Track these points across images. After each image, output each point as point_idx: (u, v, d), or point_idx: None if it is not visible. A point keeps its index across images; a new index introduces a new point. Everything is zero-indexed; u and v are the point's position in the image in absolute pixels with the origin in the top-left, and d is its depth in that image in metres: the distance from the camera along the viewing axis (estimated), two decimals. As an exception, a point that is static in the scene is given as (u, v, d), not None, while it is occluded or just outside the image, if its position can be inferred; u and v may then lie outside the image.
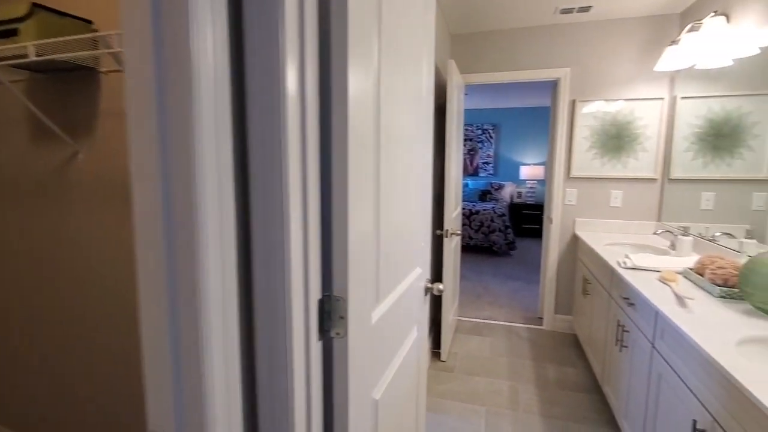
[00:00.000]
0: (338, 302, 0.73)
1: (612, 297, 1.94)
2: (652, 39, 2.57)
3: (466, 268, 4.70)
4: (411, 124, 1.09)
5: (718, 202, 2.14)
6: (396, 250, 1.00)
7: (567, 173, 2.83)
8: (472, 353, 2.63)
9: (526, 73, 2.83)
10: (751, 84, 1.93)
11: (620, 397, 1.77)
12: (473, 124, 7.01)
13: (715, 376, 1.05)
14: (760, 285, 1.27)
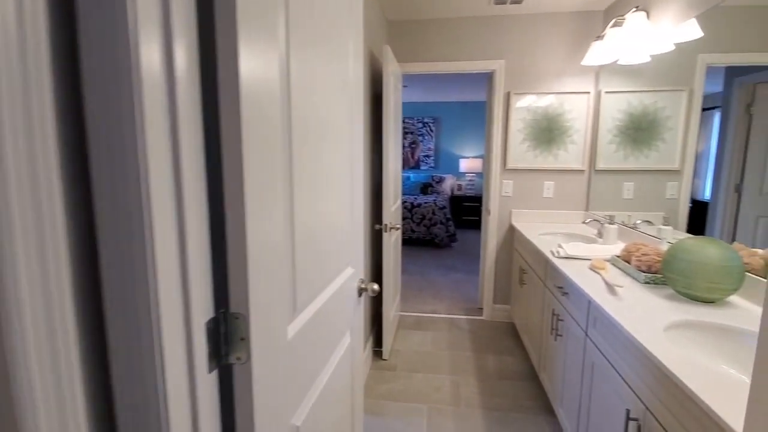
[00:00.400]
0: (237, 321, 0.59)
1: (547, 286, 1.97)
2: (579, 34, 2.66)
3: (408, 261, 4.69)
4: (337, 114, 0.96)
5: (637, 191, 2.26)
6: (320, 250, 0.87)
7: (503, 165, 2.86)
8: (415, 349, 2.58)
9: (463, 64, 2.80)
10: (666, 80, 2.03)
11: (556, 385, 1.80)
12: (414, 118, 7.02)
13: (646, 363, 1.05)
14: (682, 271, 1.31)
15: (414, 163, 7.15)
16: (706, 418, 0.81)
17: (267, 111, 0.61)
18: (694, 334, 1.15)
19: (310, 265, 0.82)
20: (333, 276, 0.98)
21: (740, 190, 1.60)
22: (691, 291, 1.29)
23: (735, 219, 1.61)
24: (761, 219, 1.47)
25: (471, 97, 6.48)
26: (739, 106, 1.64)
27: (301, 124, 0.74)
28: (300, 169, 0.75)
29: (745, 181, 1.59)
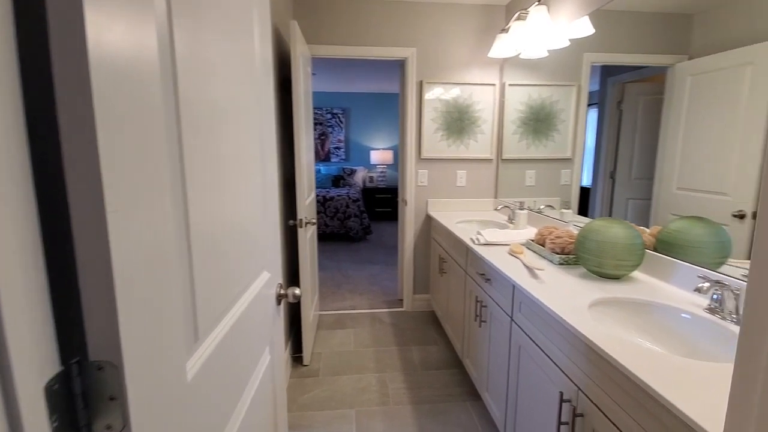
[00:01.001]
0: (102, 373, 0.39)
1: (468, 274, 1.98)
2: (485, 26, 2.74)
3: (324, 257, 4.51)
4: (244, 99, 0.77)
5: (538, 178, 2.42)
6: (228, 256, 0.68)
7: (418, 155, 2.85)
8: (337, 350, 2.44)
9: (374, 50, 2.70)
10: (559, 75, 2.18)
11: (481, 371, 1.82)
12: (323, 108, 6.79)
13: (575, 344, 1.06)
14: (591, 250, 1.38)
15: (324, 155, 6.93)
16: (639, 390, 0.83)
17: (141, 95, 0.42)
18: (612, 310, 1.22)
19: (214, 276, 0.63)
20: (246, 285, 0.79)
21: (614, 176, 1.79)
22: (602, 269, 1.37)
23: (611, 201, 1.79)
24: (630, 201, 1.65)
25: (381, 88, 6.47)
26: (611, 103, 1.82)
27: (195, 110, 0.55)
28: (196, 163, 0.56)
29: (617, 169, 1.76)
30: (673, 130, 1.46)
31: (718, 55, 1.27)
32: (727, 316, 1.05)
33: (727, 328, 1.02)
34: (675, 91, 1.45)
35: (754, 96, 1.16)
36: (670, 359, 0.86)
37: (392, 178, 7.03)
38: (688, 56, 1.39)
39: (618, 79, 1.79)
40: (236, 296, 0.73)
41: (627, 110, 1.73)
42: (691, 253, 1.31)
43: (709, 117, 1.31)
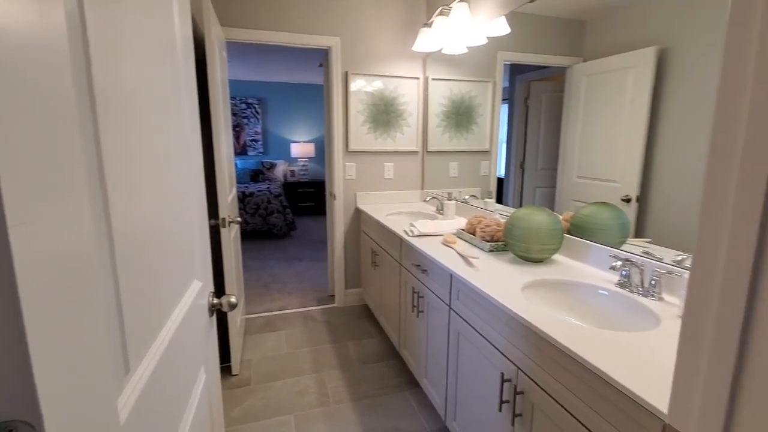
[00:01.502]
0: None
1: (403, 266, 2.00)
2: (408, 19, 2.76)
3: (247, 256, 4.24)
4: (165, 85, 0.65)
5: (460, 170, 2.53)
6: (156, 267, 0.58)
7: (346, 147, 2.79)
8: (269, 354, 2.31)
9: (296, 37, 2.57)
10: (477, 71, 2.30)
11: (419, 359, 1.86)
12: (237, 97, 6.34)
13: (513, 326, 1.12)
14: (519, 237, 1.48)
15: (240, 148, 6.50)
16: (573, 363, 0.90)
17: (44, 76, 0.32)
18: (541, 292, 1.31)
19: (143, 293, 0.52)
20: (176, 299, 0.69)
21: (523, 167, 1.95)
22: (528, 254, 1.47)
23: (521, 190, 1.96)
24: (538, 189, 1.82)
25: (300, 78, 6.23)
26: (519, 99, 1.97)
27: (114, 98, 0.45)
28: (117, 160, 0.45)
29: (526, 160, 1.93)
30: (572, 125, 1.60)
31: (607, 58, 1.43)
32: (634, 289, 1.20)
33: (635, 300, 1.15)
34: (573, 90, 1.59)
35: (636, 96, 1.32)
36: (595, 332, 0.95)
37: (315, 172, 6.86)
38: (583, 58, 1.54)
39: (525, 77, 1.93)
40: (167, 314, 0.63)
41: (533, 106, 1.88)
42: (600, 234, 1.47)
43: (601, 113, 1.46)
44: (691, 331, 0.48)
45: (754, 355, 0.41)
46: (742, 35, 0.40)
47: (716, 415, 0.46)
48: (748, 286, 0.42)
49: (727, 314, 0.43)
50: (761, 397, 0.41)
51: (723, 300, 0.44)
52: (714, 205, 0.44)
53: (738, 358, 0.44)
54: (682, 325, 0.49)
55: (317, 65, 5.21)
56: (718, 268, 0.44)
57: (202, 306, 0.87)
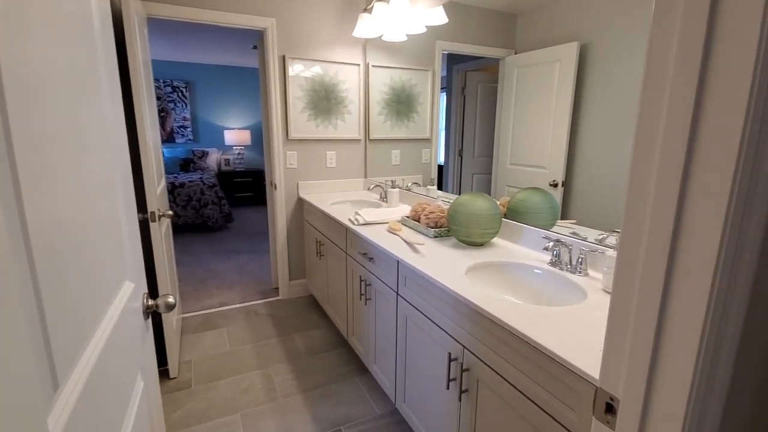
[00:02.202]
0: None
1: (349, 255, 2.00)
2: (348, 4, 2.70)
3: (180, 251, 3.97)
4: (81, 65, 0.58)
5: (402, 157, 2.57)
6: (82, 270, 0.52)
7: (286, 135, 2.70)
8: (210, 353, 2.20)
9: (228, 16, 2.40)
10: (417, 60, 2.33)
11: (368, 346, 1.88)
12: (160, 80, 5.82)
13: (459, 308, 1.18)
14: (461, 222, 1.54)
15: (167, 135, 6.00)
16: (513, 337, 0.96)
17: None
18: (484, 274, 1.38)
19: (69, 298, 0.47)
20: (107, 303, 0.63)
21: (462, 154, 2.04)
22: (470, 238, 1.54)
23: (460, 176, 2.05)
24: (475, 175, 1.92)
25: (232, 60, 5.86)
26: (457, 88, 2.04)
27: (23, 77, 0.38)
28: (31, 147, 0.39)
29: (464, 148, 2.02)
30: (505, 114, 1.68)
31: (536, 51, 1.51)
32: (564, 267, 1.31)
33: (565, 276, 1.26)
34: (506, 81, 1.67)
35: (562, 88, 1.41)
36: (531, 308, 1.03)
37: (252, 160, 6.56)
38: (514, 51, 1.61)
39: (462, 67, 1.99)
40: (97, 320, 0.57)
41: (469, 95, 1.95)
42: (533, 218, 1.58)
43: (531, 103, 1.55)
44: (618, 309, 0.53)
45: (670, 327, 0.47)
46: (662, 39, 0.44)
47: (640, 378, 0.52)
48: (664, 274, 0.47)
49: (647, 292, 0.49)
50: (674, 362, 0.47)
51: (643, 280, 0.49)
52: (637, 194, 0.49)
53: (657, 329, 0.49)
54: (611, 303, 0.54)
55: (251, 47, 4.93)
56: (640, 251, 0.49)
57: (136, 309, 0.80)
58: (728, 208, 0.41)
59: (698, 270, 0.44)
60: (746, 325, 0.47)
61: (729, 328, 0.46)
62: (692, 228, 0.44)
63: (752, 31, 0.37)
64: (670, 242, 0.46)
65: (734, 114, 0.39)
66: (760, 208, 0.42)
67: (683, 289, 0.46)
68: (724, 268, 0.43)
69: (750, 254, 0.44)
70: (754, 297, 0.46)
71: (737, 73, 0.39)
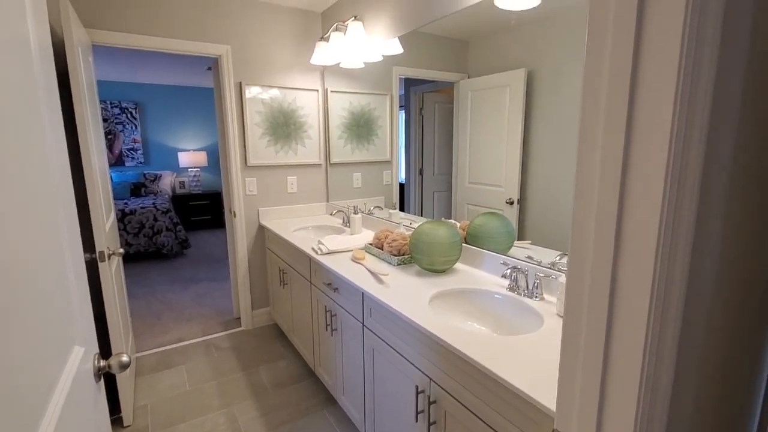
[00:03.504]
0: None
1: (314, 284, 1.98)
2: (304, 31, 2.73)
3: (133, 283, 3.75)
4: (20, 96, 0.55)
5: (364, 180, 2.60)
6: (15, 348, 0.49)
7: (244, 162, 2.65)
8: (168, 395, 2.08)
9: (181, 44, 2.35)
10: (375, 85, 2.38)
11: (335, 377, 1.86)
12: (107, 101, 5.55)
13: (423, 339, 1.20)
14: (423, 251, 1.57)
15: (115, 158, 5.70)
16: (476, 371, 0.99)
17: None
18: (446, 302, 1.41)
19: (10, 379, 0.44)
20: (53, 382, 0.59)
21: (422, 172, 2.10)
22: (433, 266, 1.58)
23: (421, 195, 2.10)
24: (436, 193, 1.97)
25: (185, 81, 5.70)
26: (415, 109, 2.12)
27: None
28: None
29: (424, 167, 2.08)
30: (462, 135, 1.75)
31: (488, 76, 1.59)
32: (521, 292, 1.37)
33: (522, 302, 1.32)
34: (461, 103, 1.74)
35: (513, 110, 1.49)
36: (492, 338, 1.07)
37: (209, 182, 6.35)
38: (468, 75, 1.69)
39: (419, 89, 2.06)
40: (41, 410, 0.53)
41: (427, 115, 2.02)
42: (492, 242, 1.64)
43: (486, 125, 1.62)
44: (569, 352, 0.57)
45: (614, 361, 0.51)
46: (596, 63, 0.49)
47: (590, 417, 0.55)
48: (606, 313, 0.51)
49: (593, 329, 0.53)
50: (620, 398, 0.51)
51: (589, 319, 0.54)
52: (582, 217, 0.53)
53: (603, 366, 0.54)
54: (562, 349, 0.58)
55: (205, 69, 4.83)
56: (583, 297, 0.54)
57: (86, 374, 0.75)
58: (660, 219, 0.45)
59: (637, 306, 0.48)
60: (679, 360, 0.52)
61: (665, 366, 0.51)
62: (630, 252, 0.48)
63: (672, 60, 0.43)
64: (610, 280, 0.51)
65: (661, 130, 0.44)
66: (688, 217, 0.47)
67: (625, 325, 0.50)
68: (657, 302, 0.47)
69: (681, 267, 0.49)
70: (684, 335, 0.52)
71: (660, 94, 0.44)
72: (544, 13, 1.35)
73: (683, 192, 0.45)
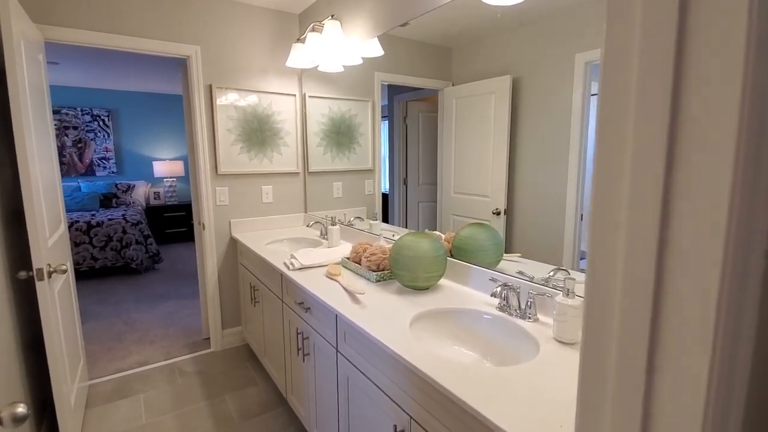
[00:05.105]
0: None
1: (285, 303, 1.80)
2: (280, 33, 2.59)
3: (94, 302, 3.47)
4: None
5: (345, 190, 2.44)
6: None
7: (215, 170, 2.47)
8: (122, 428, 1.85)
9: (143, 42, 2.18)
10: (356, 90, 2.25)
11: (308, 408, 1.67)
12: (78, 108, 5.29)
13: (402, 371, 1.04)
14: (405, 266, 1.42)
15: (85, 168, 5.42)
16: (465, 413, 0.84)
17: None
18: (429, 324, 1.26)
19: None
20: None
21: (407, 182, 1.97)
22: (415, 283, 1.42)
23: (405, 205, 1.97)
24: (420, 203, 1.85)
25: (160, 88, 5.49)
26: (398, 117, 2.00)
27: None
28: None
29: (408, 176, 1.95)
30: (447, 144, 1.65)
31: (472, 83, 1.50)
32: (513, 312, 1.22)
33: (514, 323, 1.17)
34: (445, 111, 1.65)
35: (498, 118, 1.40)
36: (482, 371, 0.91)
37: (185, 193, 6.10)
38: (452, 82, 1.60)
39: (402, 97, 1.95)
40: None
41: (411, 124, 1.91)
42: (479, 255, 1.50)
43: (471, 133, 1.53)
44: (591, 373, 0.42)
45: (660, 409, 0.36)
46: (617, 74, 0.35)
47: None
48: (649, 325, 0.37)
49: (628, 349, 0.38)
50: None
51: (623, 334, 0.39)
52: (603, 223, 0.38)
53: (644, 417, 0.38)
54: (581, 371, 0.43)
55: (180, 75, 4.64)
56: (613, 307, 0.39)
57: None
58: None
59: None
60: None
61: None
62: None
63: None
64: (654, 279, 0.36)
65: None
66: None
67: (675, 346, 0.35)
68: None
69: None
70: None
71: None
72: (528, 16, 1.26)
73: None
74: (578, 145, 1.16)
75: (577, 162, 1.17)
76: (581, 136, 1.15)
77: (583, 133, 1.15)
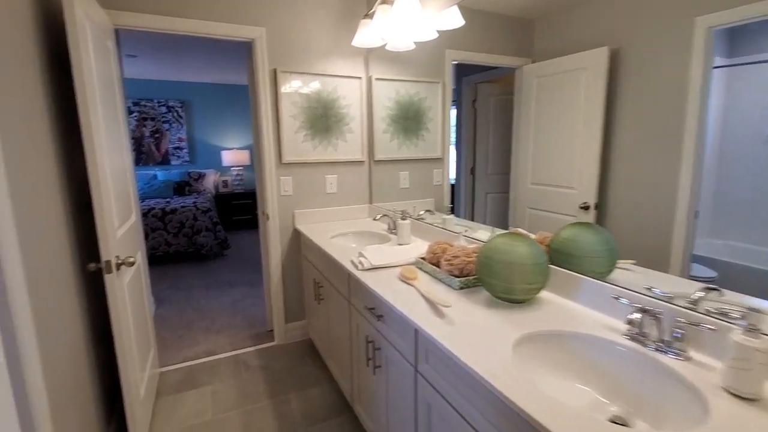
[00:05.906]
0: None
1: (353, 305, 1.63)
2: (346, 10, 2.40)
3: (166, 287, 3.61)
4: None
5: (412, 180, 2.23)
6: None
7: (279, 159, 2.37)
8: (189, 423, 1.83)
9: (208, 26, 2.10)
10: (425, 71, 2.02)
11: (378, 422, 1.50)
12: (154, 100, 5.58)
13: (502, 409, 0.81)
14: (498, 274, 1.17)
15: (161, 157, 5.74)
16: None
17: None
18: (538, 351, 1.01)
19: None
20: None
21: (474, 172, 1.74)
22: (512, 294, 1.17)
23: (473, 196, 1.74)
24: (489, 195, 1.64)
25: (229, 78, 5.63)
26: (467, 101, 1.75)
27: None
28: None
29: (476, 165, 1.71)
30: (524, 129, 1.44)
31: (558, 59, 1.28)
32: (650, 344, 0.93)
33: (655, 359, 0.89)
34: (524, 92, 1.43)
35: (590, 98, 1.18)
36: None
37: (251, 181, 6.27)
38: (532, 59, 1.39)
39: (472, 79, 1.74)
40: None
41: (481, 109, 1.71)
42: (587, 263, 1.21)
43: (554, 116, 1.32)
44: None
45: None
46: None
47: None
48: None
49: None
50: None
51: None
52: None
53: None
54: None
55: (246, 61, 4.68)
56: None
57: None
58: None
59: None
60: None
61: None
62: None
63: None
64: None
65: None
66: None
67: None
68: None
69: None
70: None
71: None
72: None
73: None
74: (695, 129, 0.93)
75: (692, 150, 0.93)
76: (699, 119, 0.92)
77: (702, 116, 0.91)
